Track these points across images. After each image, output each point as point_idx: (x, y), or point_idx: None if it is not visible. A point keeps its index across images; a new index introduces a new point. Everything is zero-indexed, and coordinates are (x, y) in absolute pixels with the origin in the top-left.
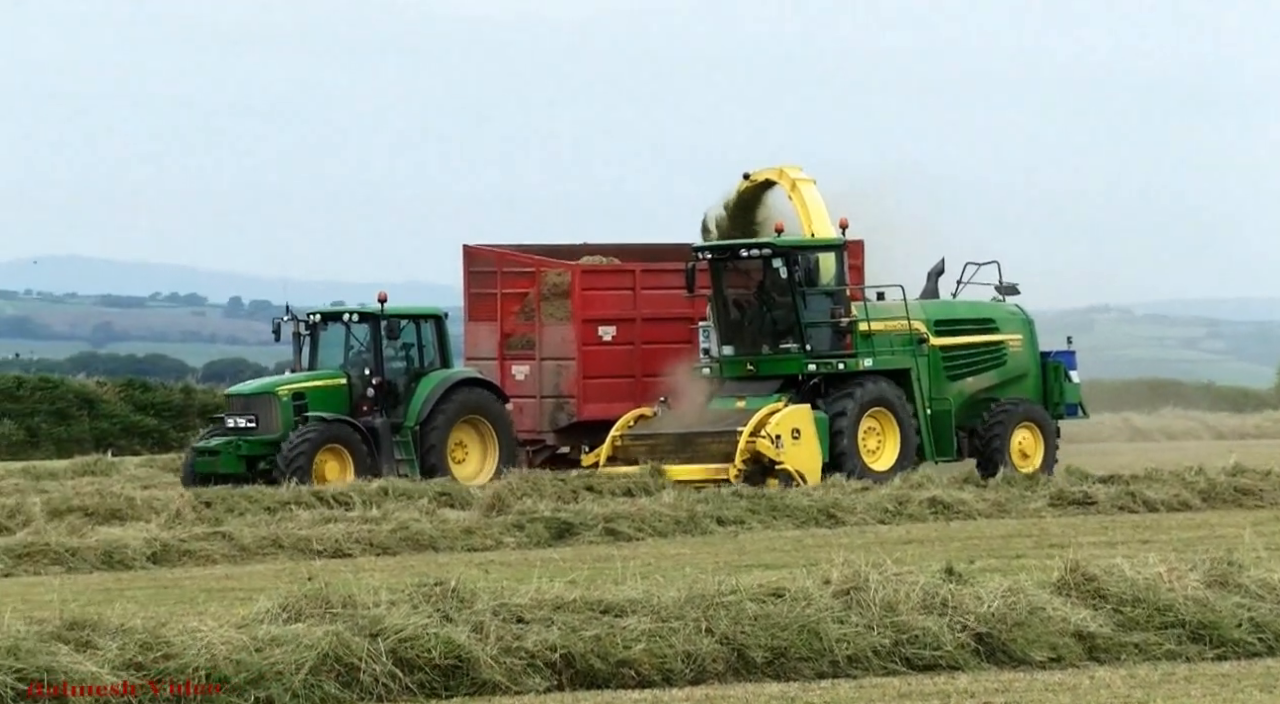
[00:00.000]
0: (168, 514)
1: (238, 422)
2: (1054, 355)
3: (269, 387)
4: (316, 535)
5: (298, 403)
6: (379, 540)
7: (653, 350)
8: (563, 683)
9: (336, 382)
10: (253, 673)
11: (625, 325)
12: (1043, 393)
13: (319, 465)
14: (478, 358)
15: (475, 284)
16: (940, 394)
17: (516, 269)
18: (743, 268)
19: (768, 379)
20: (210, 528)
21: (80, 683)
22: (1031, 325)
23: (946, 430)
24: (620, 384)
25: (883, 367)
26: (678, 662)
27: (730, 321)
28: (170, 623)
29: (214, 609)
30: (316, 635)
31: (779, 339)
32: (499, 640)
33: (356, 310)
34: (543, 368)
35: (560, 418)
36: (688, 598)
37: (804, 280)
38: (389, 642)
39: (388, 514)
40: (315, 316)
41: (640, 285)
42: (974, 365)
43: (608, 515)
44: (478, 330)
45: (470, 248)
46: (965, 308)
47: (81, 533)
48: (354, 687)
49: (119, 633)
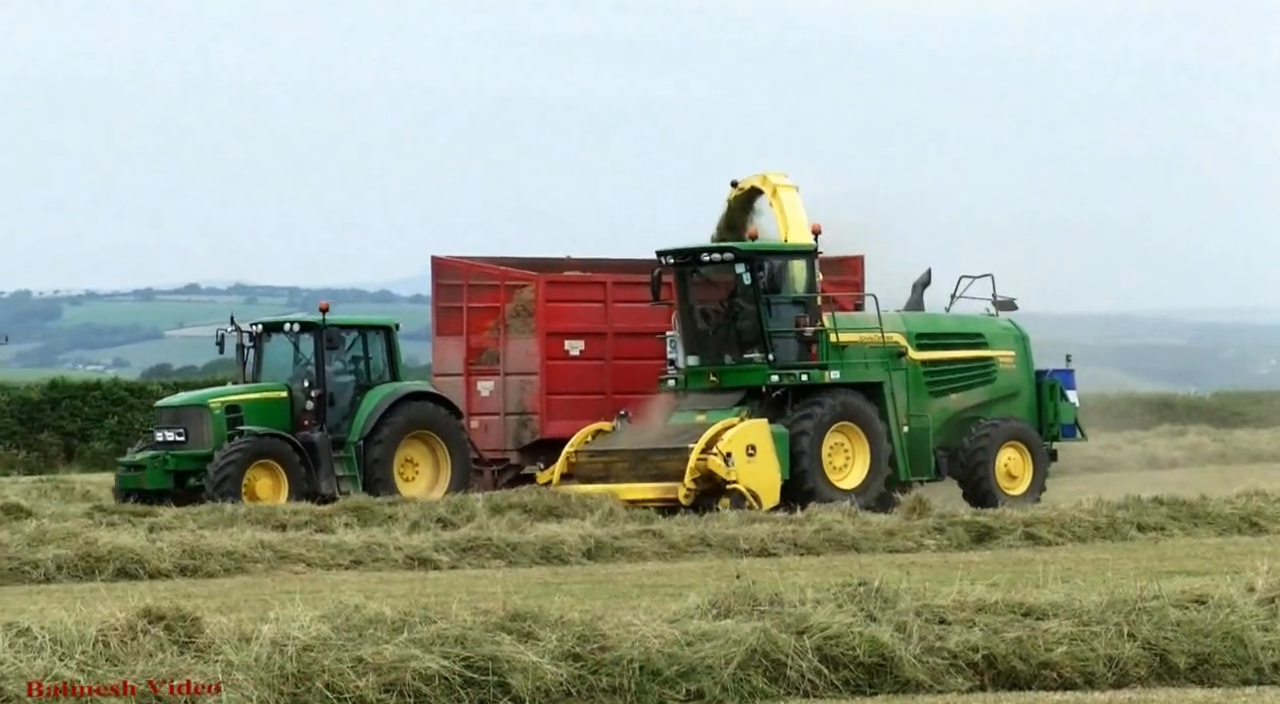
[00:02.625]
0: (601, 512)
1: (166, 435)
2: (1050, 373)
3: (200, 399)
4: (743, 534)
5: (231, 416)
6: (803, 541)
7: (626, 366)
8: (984, 683)
9: (276, 395)
10: (684, 666)
11: (595, 340)
12: (1037, 412)
13: (251, 482)
14: (445, 374)
15: (442, 297)
16: (919, 411)
17: (483, 282)
18: (707, 275)
19: (731, 391)
20: (642, 526)
21: (522, 672)
22: (1026, 341)
23: (924, 449)
24: (588, 401)
25: (852, 380)
26: (1099, 665)
27: (696, 331)
28: (606, 616)
29: (646, 604)
30: (745, 631)
31: (744, 349)
32: (921, 640)
33: (298, 320)
34: (507, 383)
35: (524, 435)
36: (1109, 602)
37: (769, 287)
38: (814, 639)
39: (811, 516)
40: (258, 326)
41: (612, 298)
42: (959, 381)
43: (1027, 520)
44: (445, 345)
45: (438, 259)
46: (951, 321)
47: (521, 529)
48: (780, 682)
49: (558, 625)
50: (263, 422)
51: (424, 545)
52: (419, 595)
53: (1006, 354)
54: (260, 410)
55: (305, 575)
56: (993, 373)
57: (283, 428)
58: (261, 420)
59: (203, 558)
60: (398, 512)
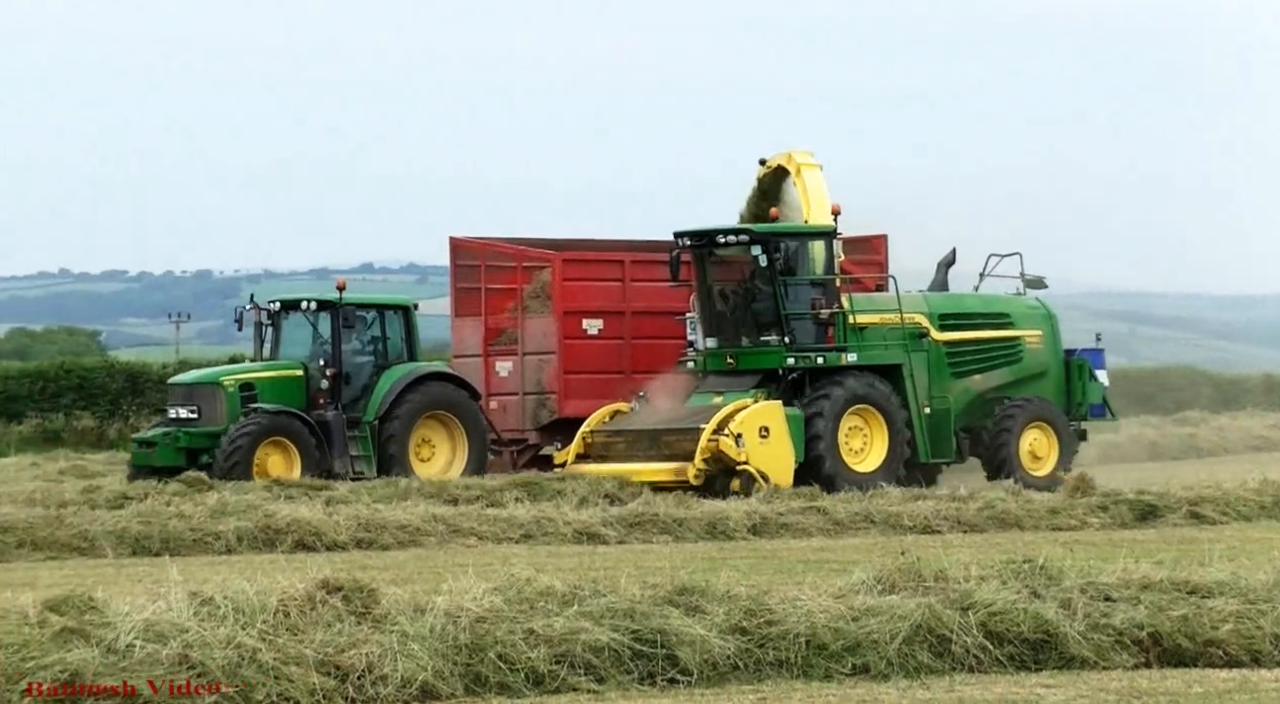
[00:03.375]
0: (766, 489)
1: (179, 412)
2: (1080, 352)
3: (213, 376)
4: (907, 512)
5: (245, 394)
6: (966, 518)
7: (645, 345)
8: (1149, 660)
9: (292, 373)
10: (850, 640)
11: (614, 318)
12: (1065, 392)
13: (262, 459)
14: (464, 355)
15: (461, 278)
16: (941, 392)
17: (501, 262)
18: (725, 256)
19: (748, 373)
20: (806, 503)
21: (690, 645)
22: (1054, 321)
23: (945, 430)
24: (606, 380)
25: (869, 362)
26: (1266, 643)
27: (714, 313)
28: (772, 591)
29: (811, 579)
30: (910, 607)
31: (761, 331)
32: (1086, 617)
33: (315, 298)
34: (525, 363)
35: (542, 415)
36: (1276, 581)
37: (785, 269)
38: (979, 615)
39: (974, 494)
40: (275, 304)
41: (630, 277)
42: (983, 362)
43: (1192, 499)
44: (463, 326)
45: (456, 240)
46: (976, 301)
47: (688, 505)
48: (945, 657)
49: (725, 599)
50: (278, 400)
51: (592, 520)
52: (588, 569)
53: (1033, 333)
54: (276, 388)
55: (477, 549)
56: (1019, 353)
57: (298, 406)
58: (277, 398)
59: (378, 531)
60: (566, 487)
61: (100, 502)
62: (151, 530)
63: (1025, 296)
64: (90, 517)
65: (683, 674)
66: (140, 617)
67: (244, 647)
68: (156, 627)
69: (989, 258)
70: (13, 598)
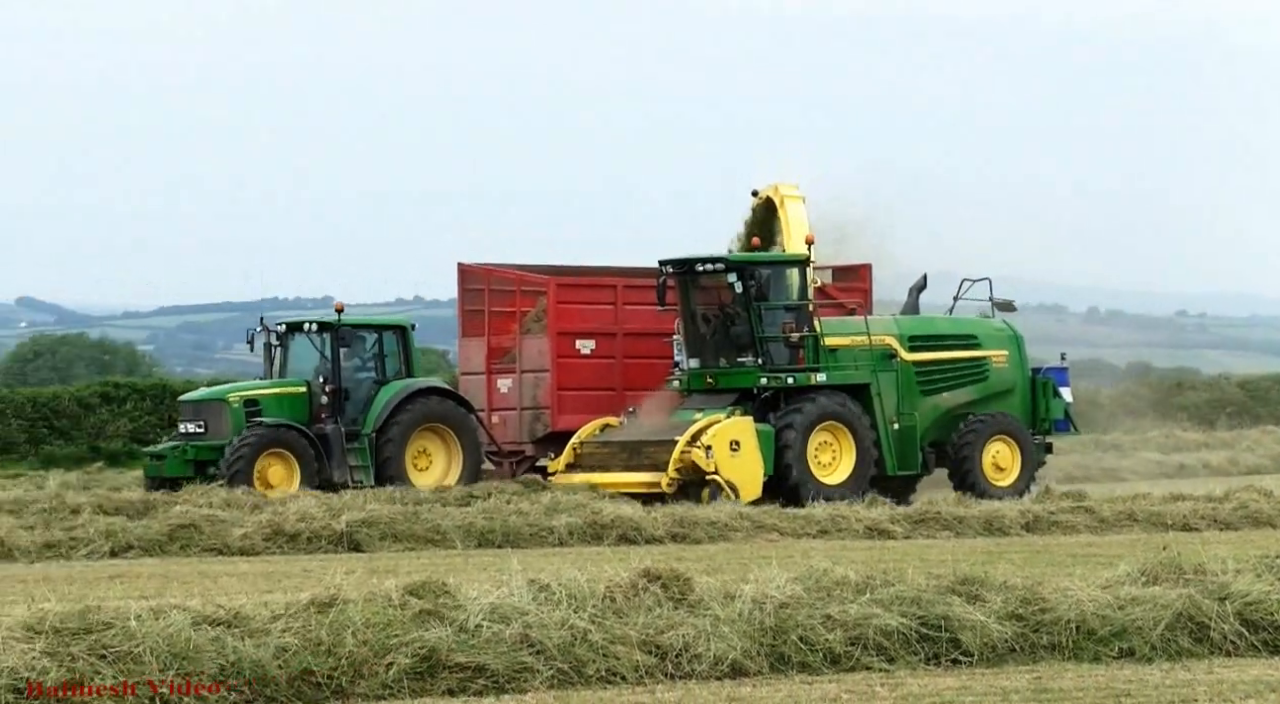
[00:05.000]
0: (1039, 490)
1: (188, 427)
2: (1044, 371)
3: (219, 394)
4: (1168, 512)
5: (250, 410)
6: (1222, 517)
7: (636, 365)
8: None
9: (296, 390)
10: (1116, 626)
11: (606, 339)
12: (1030, 408)
13: (263, 470)
14: (470, 373)
15: (468, 301)
16: (910, 409)
17: (502, 286)
18: (704, 282)
19: (726, 392)
20: (1074, 503)
21: (971, 629)
22: (1020, 341)
23: (912, 445)
24: (598, 397)
25: (838, 381)
26: None
27: (697, 335)
28: (1044, 582)
29: (1080, 571)
30: (1171, 597)
31: (738, 353)
32: None
33: (316, 320)
34: (522, 380)
35: (537, 428)
36: None
37: (758, 295)
38: (1235, 605)
39: (1229, 494)
40: (281, 326)
41: (622, 300)
42: (951, 381)
43: None
44: (469, 346)
45: (464, 266)
46: (945, 323)
47: (967, 505)
48: (1204, 643)
49: (1002, 589)
50: (282, 415)
51: (881, 518)
52: (878, 562)
53: (999, 354)
54: (279, 404)
55: (778, 542)
56: (985, 372)
57: (302, 421)
58: (281, 413)
59: (690, 527)
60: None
61: (450, 500)
62: (494, 525)
63: (993, 319)
64: (442, 513)
65: (964, 655)
66: (487, 601)
67: (576, 628)
68: (501, 609)
69: (961, 282)
70: (378, 583)
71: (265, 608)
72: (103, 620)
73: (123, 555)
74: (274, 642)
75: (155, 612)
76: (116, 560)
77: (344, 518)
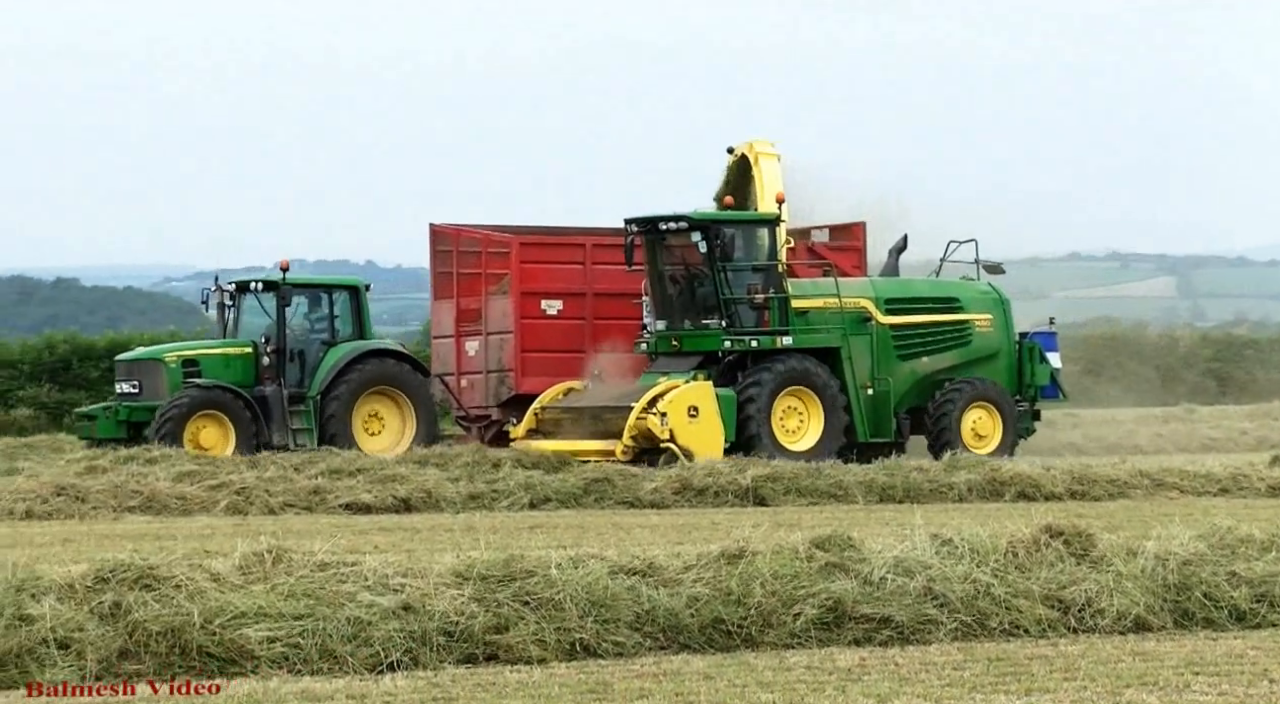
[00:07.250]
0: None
1: (123, 387)
2: (1032, 336)
3: (155, 353)
4: None
5: (188, 370)
6: None
7: (607, 325)
8: None
9: (241, 350)
10: None
11: (575, 300)
12: (1016, 374)
13: (196, 431)
14: (441, 336)
15: (438, 263)
16: (885, 373)
17: (470, 248)
18: (671, 242)
19: (691, 355)
20: None
21: None
22: (1006, 305)
23: (885, 411)
24: (565, 359)
25: (805, 345)
26: None
27: (664, 296)
28: None
29: None
30: None
31: (703, 315)
32: None
33: (262, 279)
34: (489, 342)
35: (501, 392)
36: None
37: (724, 255)
38: None
39: None
40: (232, 286)
41: (592, 260)
42: (930, 345)
43: None
44: (440, 308)
45: (435, 227)
46: (925, 286)
47: None
48: None
49: None
50: (224, 376)
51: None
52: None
53: (983, 317)
54: (221, 364)
55: (1179, 501)
56: (968, 336)
57: (246, 382)
58: (224, 375)
59: (1089, 484)
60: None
61: (852, 457)
62: (895, 481)
63: (978, 282)
64: (843, 469)
65: None
66: (890, 554)
67: (979, 582)
68: (904, 563)
69: (948, 244)
70: (784, 536)
71: (677, 558)
72: (525, 568)
73: (541, 507)
74: (686, 591)
75: (574, 561)
76: (535, 512)
77: (749, 473)
